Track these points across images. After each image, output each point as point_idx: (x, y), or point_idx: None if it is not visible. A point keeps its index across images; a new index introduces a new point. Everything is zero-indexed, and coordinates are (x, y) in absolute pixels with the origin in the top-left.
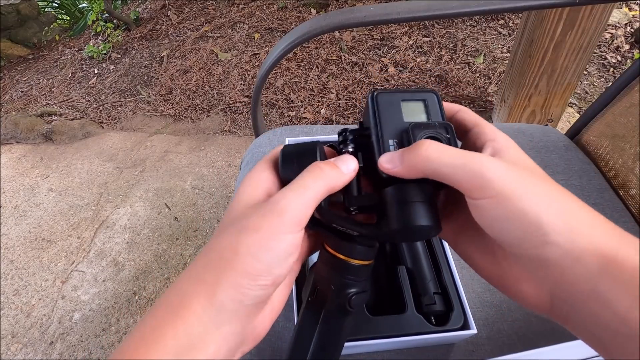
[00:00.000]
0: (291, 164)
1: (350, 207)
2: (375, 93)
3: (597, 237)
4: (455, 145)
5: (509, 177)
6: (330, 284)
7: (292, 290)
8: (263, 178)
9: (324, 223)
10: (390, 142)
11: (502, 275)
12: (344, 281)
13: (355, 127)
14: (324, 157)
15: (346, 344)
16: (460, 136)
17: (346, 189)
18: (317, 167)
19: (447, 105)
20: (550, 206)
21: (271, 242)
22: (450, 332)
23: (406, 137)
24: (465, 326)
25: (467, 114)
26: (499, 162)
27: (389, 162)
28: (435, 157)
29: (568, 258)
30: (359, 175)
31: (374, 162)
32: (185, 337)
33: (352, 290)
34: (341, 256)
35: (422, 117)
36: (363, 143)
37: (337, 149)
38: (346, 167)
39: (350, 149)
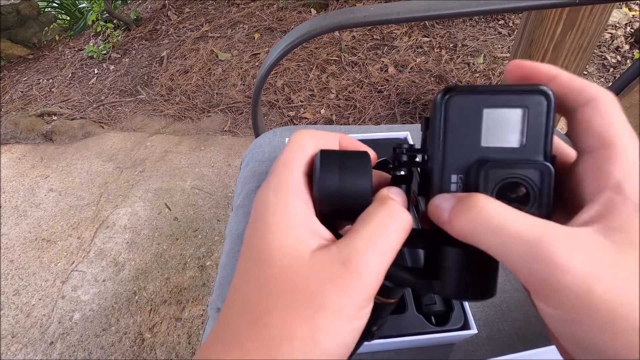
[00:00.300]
0: (333, 173)
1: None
2: (447, 96)
3: None
4: (548, 201)
5: (598, 287)
6: None
7: None
8: (299, 209)
9: None
10: (454, 177)
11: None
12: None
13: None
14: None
15: None
16: (579, 150)
17: None
18: (394, 212)
19: (574, 85)
20: None
21: (356, 322)
22: (451, 332)
23: (474, 177)
24: (465, 326)
25: (601, 117)
26: (588, 260)
27: (437, 210)
28: (485, 232)
29: None
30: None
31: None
32: None
33: (374, 327)
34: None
35: (512, 140)
36: (422, 165)
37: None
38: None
39: (404, 172)
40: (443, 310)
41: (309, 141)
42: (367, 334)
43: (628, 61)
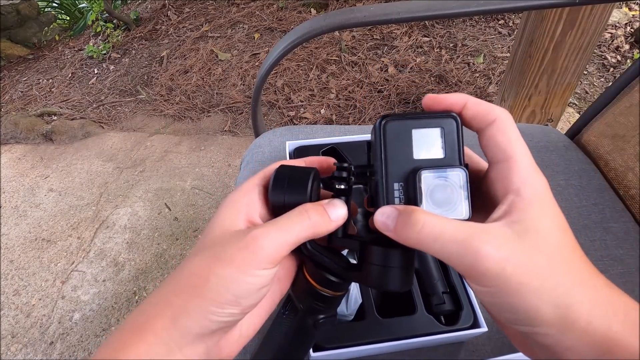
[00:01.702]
0: (281, 189)
1: (332, 246)
2: (384, 122)
3: (595, 327)
4: (467, 198)
5: (507, 269)
6: (300, 303)
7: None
8: (246, 202)
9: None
10: (396, 185)
11: (501, 323)
12: (313, 306)
13: (351, 165)
14: (317, 188)
15: (359, 348)
16: (489, 161)
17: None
18: (305, 212)
19: (480, 109)
20: (546, 302)
21: (243, 277)
22: (461, 331)
23: (412, 182)
24: (475, 324)
25: (502, 134)
26: (500, 249)
27: (383, 223)
28: (429, 241)
29: (559, 346)
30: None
31: (378, 202)
32: (147, 357)
33: (321, 316)
34: (314, 284)
35: (436, 152)
36: (370, 177)
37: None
38: (335, 215)
39: (343, 186)
40: (452, 309)
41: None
42: (313, 320)
43: (628, 61)
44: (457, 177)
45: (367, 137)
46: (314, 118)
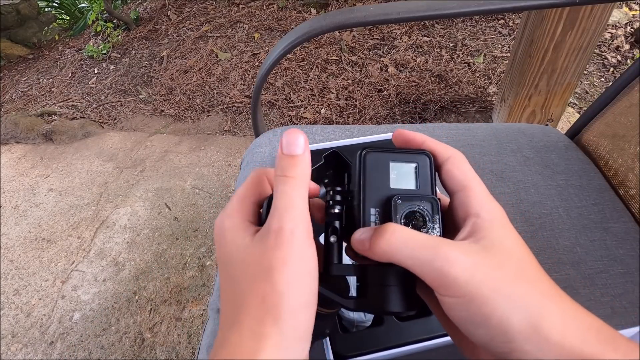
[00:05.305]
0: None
1: (328, 274)
2: (364, 152)
3: (571, 342)
4: (438, 225)
5: (476, 276)
6: None
7: None
8: (242, 232)
9: None
10: (372, 211)
11: (476, 355)
12: (317, 325)
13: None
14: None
15: (379, 354)
16: (449, 193)
17: (326, 256)
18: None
19: (437, 147)
20: (518, 310)
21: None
22: None
23: (388, 207)
24: None
25: (457, 168)
26: (468, 256)
27: (360, 242)
28: (399, 247)
29: None
30: (340, 242)
31: (355, 227)
32: None
33: (327, 331)
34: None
35: (410, 184)
36: (348, 203)
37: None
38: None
39: (337, 210)
40: None
41: (264, 179)
42: (322, 335)
43: (628, 61)
44: (429, 204)
45: (368, 138)
46: (314, 118)
